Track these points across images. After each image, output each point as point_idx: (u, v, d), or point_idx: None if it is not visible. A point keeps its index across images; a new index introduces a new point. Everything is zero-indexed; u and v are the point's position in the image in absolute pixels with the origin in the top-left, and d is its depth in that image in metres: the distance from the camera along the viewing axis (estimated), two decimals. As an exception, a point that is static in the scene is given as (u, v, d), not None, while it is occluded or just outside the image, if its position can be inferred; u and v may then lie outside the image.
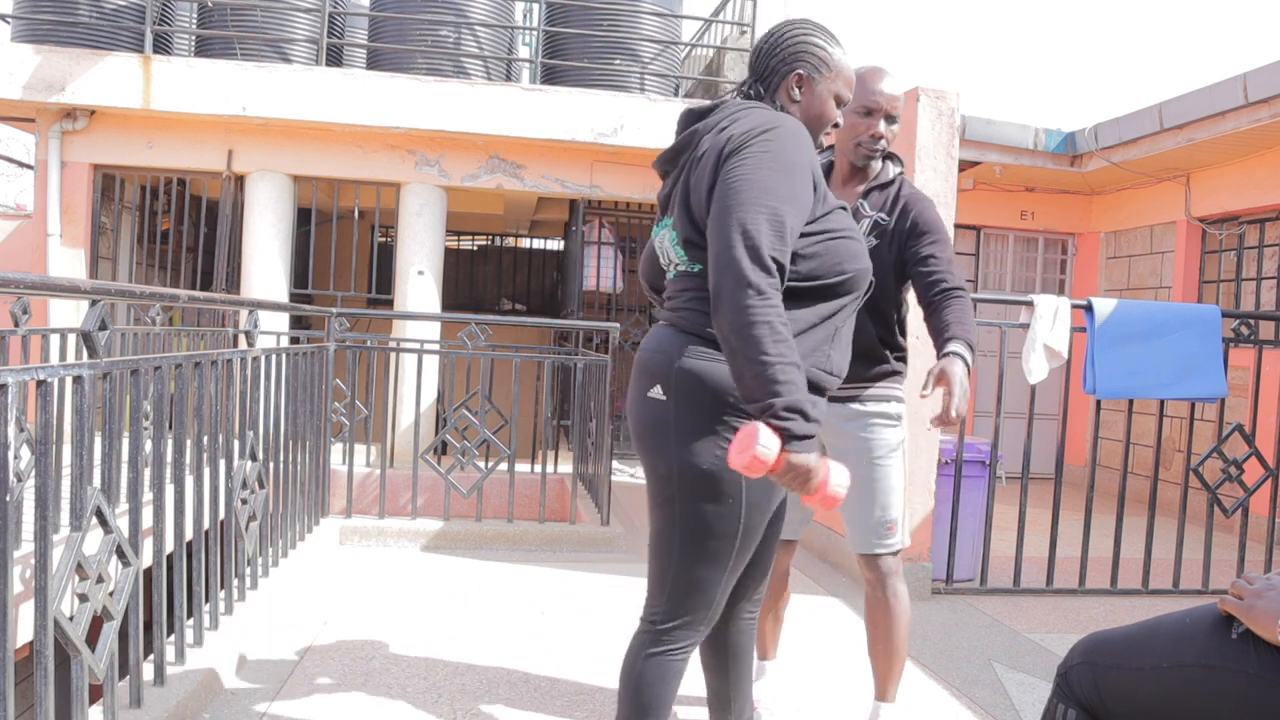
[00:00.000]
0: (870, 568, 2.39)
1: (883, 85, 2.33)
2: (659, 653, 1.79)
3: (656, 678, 1.79)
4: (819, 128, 1.88)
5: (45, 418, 1.86)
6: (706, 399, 1.71)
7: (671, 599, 1.78)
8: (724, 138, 1.72)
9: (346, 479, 4.71)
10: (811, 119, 1.86)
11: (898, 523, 2.36)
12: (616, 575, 4.20)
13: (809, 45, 1.85)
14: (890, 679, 2.43)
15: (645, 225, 8.32)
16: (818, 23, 1.89)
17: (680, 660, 1.81)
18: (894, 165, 2.44)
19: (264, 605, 3.23)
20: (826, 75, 1.85)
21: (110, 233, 7.47)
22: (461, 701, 2.69)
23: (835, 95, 1.87)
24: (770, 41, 1.88)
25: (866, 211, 2.37)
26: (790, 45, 1.85)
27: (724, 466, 1.68)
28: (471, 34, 7.23)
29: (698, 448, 1.71)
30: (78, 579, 1.95)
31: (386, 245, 9.31)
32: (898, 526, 2.36)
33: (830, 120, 1.88)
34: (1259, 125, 5.21)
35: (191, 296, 2.81)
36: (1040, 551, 4.17)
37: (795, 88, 1.85)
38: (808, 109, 1.85)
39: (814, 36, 1.86)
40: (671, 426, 1.74)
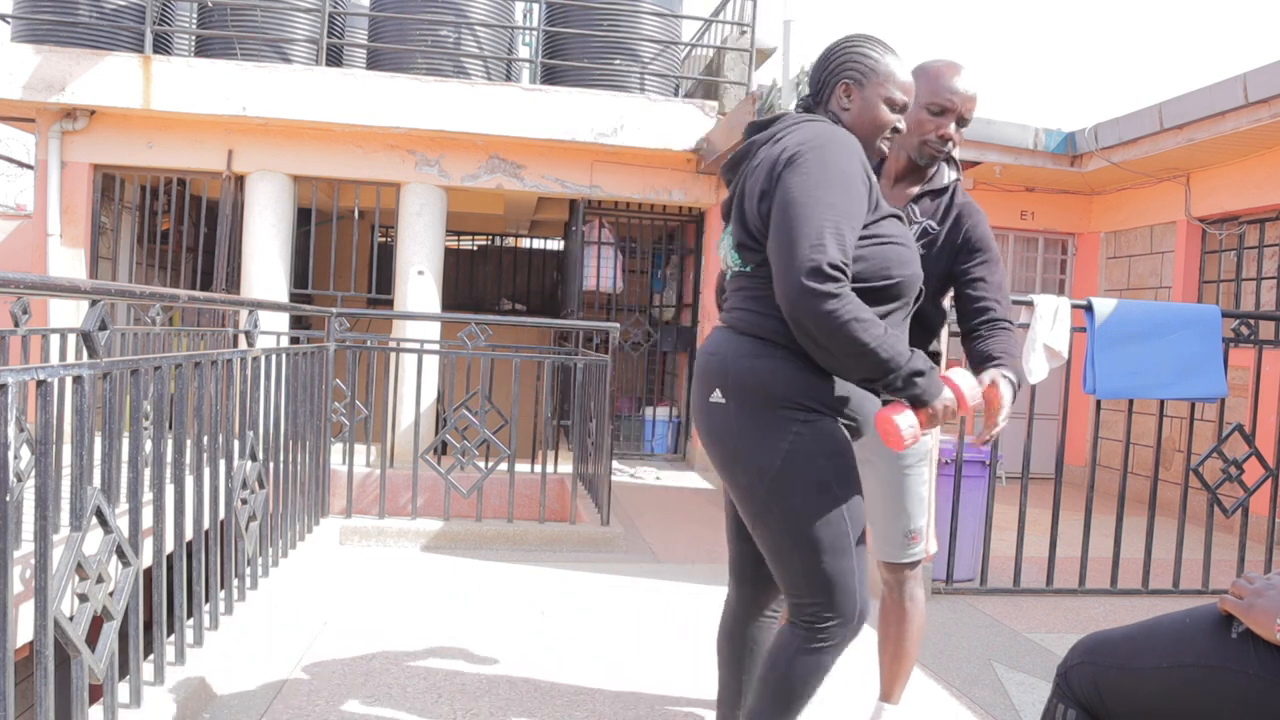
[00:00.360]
0: (890, 571, 2.38)
1: (958, 83, 2.19)
2: (810, 650, 1.79)
3: (809, 671, 1.80)
4: (873, 133, 1.90)
5: (45, 418, 1.86)
6: (761, 396, 1.74)
7: (814, 600, 1.78)
8: (778, 149, 1.78)
9: (346, 479, 4.71)
10: (863, 125, 1.89)
11: (921, 532, 2.34)
12: (616, 575, 4.20)
13: (855, 55, 1.90)
14: (897, 681, 2.42)
15: (645, 225, 8.32)
16: (869, 35, 1.94)
17: (831, 656, 1.81)
18: (951, 170, 2.31)
19: (264, 605, 3.23)
20: (874, 81, 1.88)
21: (110, 233, 7.47)
22: (461, 701, 2.69)
23: (887, 100, 1.89)
24: (822, 57, 1.95)
25: (916, 217, 2.27)
26: (838, 57, 1.92)
27: (802, 458, 1.71)
28: (471, 34, 7.23)
29: (764, 447, 1.73)
30: (78, 579, 1.95)
31: (386, 245, 9.31)
32: (921, 535, 2.34)
33: (886, 125, 1.90)
34: (1259, 125, 5.21)
35: (191, 296, 2.81)
36: (1040, 551, 4.17)
37: (844, 96, 1.90)
38: (858, 116, 1.89)
39: (860, 47, 1.91)
40: (735, 430, 1.76)
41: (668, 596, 3.91)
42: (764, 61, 7.70)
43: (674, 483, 7.00)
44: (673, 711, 2.71)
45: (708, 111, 7.07)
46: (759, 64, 7.51)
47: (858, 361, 1.65)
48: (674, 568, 4.42)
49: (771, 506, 1.75)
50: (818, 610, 1.78)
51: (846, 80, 1.89)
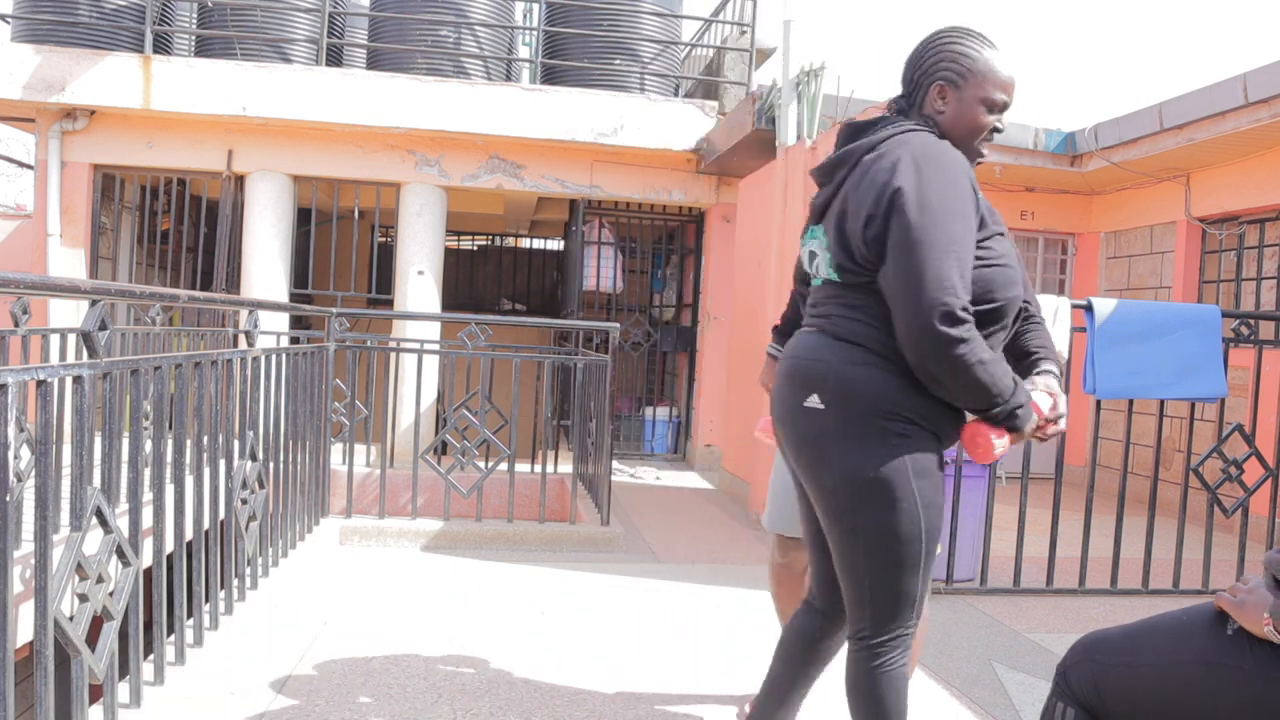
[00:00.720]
0: (778, 546, 2.45)
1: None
2: (880, 666, 1.79)
3: (889, 688, 1.80)
4: (970, 137, 1.84)
5: (45, 418, 1.86)
6: (864, 405, 1.72)
7: (877, 613, 1.78)
8: (885, 166, 1.71)
9: (346, 479, 4.71)
10: (960, 129, 1.82)
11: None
12: (616, 575, 4.20)
13: (950, 53, 1.81)
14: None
15: (645, 225, 8.32)
16: (965, 28, 1.85)
17: (902, 665, 1.81)
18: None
19: (264, 605, 3.24)
20: (971, 82, 1.80)
21: (110, 233, 7.47)
22: (461, 701, 2.69)
23: (985, 100, 1.81)
24: (914, 54, 1.86)
25: None
26: (931, 55, 1.83)
27: (893, 471, 1.70)
28: (471, 34, 7.23)
29: (861, 456, 1.71)
30: (78, 579, 1.95)
31: (386, 245, 9.31)
32: None
33: (984, 128, 1.83)
34: (1259, 125, 5.21)
35: (191, 296, 2.81)
36: (1040, 551, 4.17)
37: (939, 99, 1.82)
38: (955, 119, 1.82)
39: (956, 43, 1.82)
40: (832, 436, 1.74)
41: (668, 596, 3.91)
42: (764, 61, 7.70)
43: (674, 483, 7.00)
44: (673, 712, 2.71)
45: (708, 111, 7.07)
46: (759, 64, 7.52)
47: (971, 395, 1.68)
48: (674, 568, 4.42)
49: (855, 514, 1.74)
50: (879, 623, 1.78)
51: (941, 81, 1.81)
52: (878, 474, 1.70)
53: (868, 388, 1.71)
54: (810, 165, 5.15)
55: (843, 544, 1.78)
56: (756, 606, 3.83)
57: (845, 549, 1.78)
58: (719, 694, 2.85)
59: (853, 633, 1.83)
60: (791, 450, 1.85)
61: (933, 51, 1.83)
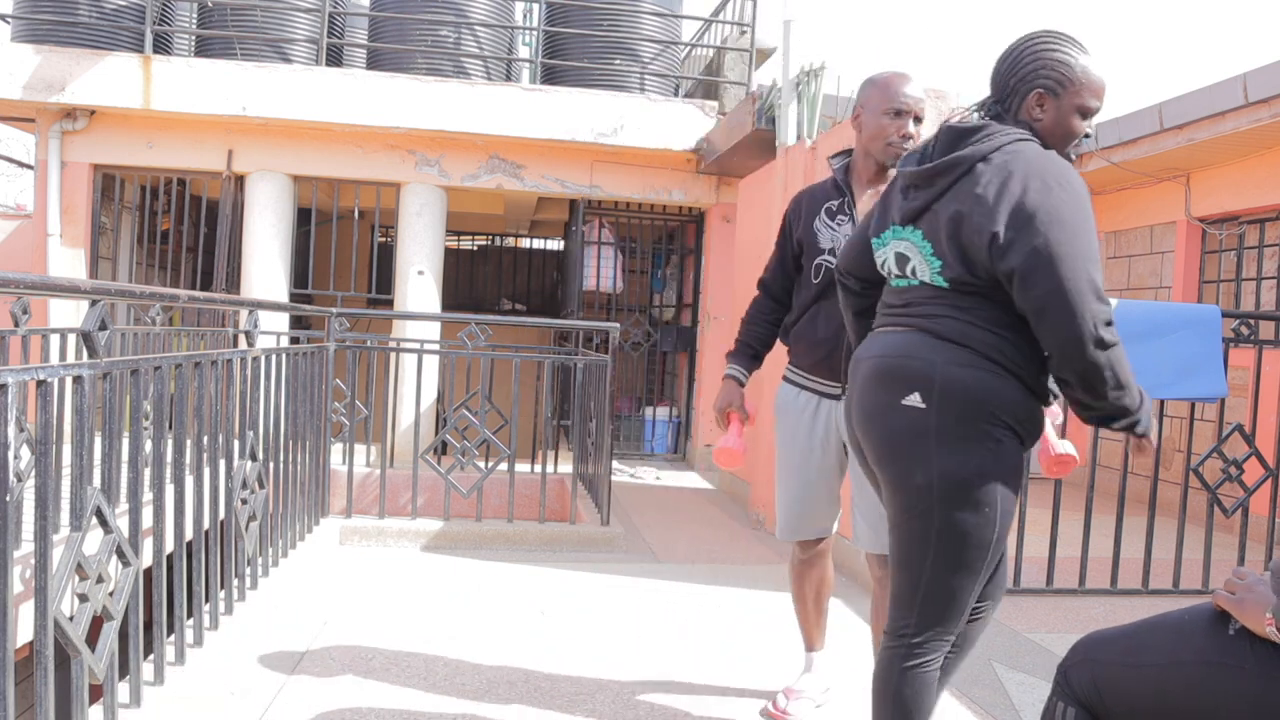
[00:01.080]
0: (881, 565, 2.40)
1: (908, 89, 2.45)
2: (914, 666, 1.80)
3: (917, 690, 1.81)
4: (1064, 143, 1.84)
5: (45, 418, 1.86)
6: (973, 407, 1.72)
7: (924, 611, 1.78)
8: (1014, 186, 1.70)
9: (346, 479, 4.71)
10: (1056, 136, 1.82)
11: None
12: (616, 575, 4.20)
13: (1048, 60, 1.81)
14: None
15: (645, 225, 8.32)
16: (1060, 32, 1.84)
17: (935, 669, 1.82)
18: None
19: (264, 605, 3.23)
20: (1070, 90, 1.80)
21: (110, 233, 7.47)
22: (462, 701, 2.69)
23: (1080, 108, 1.82)
24: (1009, 59, 1.85)
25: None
26: (1029, 62, 1.81)
27: (987, 475, 1.72)
28: (471, 34, 7.23)
29: (962, 456, 1.72)
30: (78, 579, 1.95)
31: (386, 245, 9.31)
32: None
33: (1077, 134, 1.84)
34: (1259, 125, 5.20)
35: (191, 296, 2.81)
36: (1040, 551, 4.17)
37: (1036, 107, 1.81)
38: (1052, 127, 1.82)
39: (1054, 50, 1.81)
40: (932, 435, 1.74)
41: (668, 596, 3.91)
42: (764, 61, 7.70)
43: (674, 483, 7.00)
44: (673, 712, 2.71)
45: (708, 111, 7.07)
46: (759, 64, 7.52)
47: (1117, 402, 1.72)
48: (674, 568, 4.42)
49: (940, 513, 1.74)
50: (924, 621, 1.78)
51: (1040, 89, 1.80)
52: (973, 475, 1.72)
53: (976, 389, 1.72)
54: (810, 165, 5.15)
55: (912, 540, 1.78)
56: (757, 606, 3.83)
57: (913, 545, 1.78)
58: (719, 694, 2.85)
59: (893, 629, 1.82)
60: (875, 448, 1.84)
61: (1030, 58, 1.82)
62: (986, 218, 1.71)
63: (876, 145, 2.47)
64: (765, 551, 4.84)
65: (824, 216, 2.55)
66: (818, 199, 2.60)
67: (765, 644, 3.31)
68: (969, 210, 1.74)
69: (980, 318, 1.75)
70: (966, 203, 1.75)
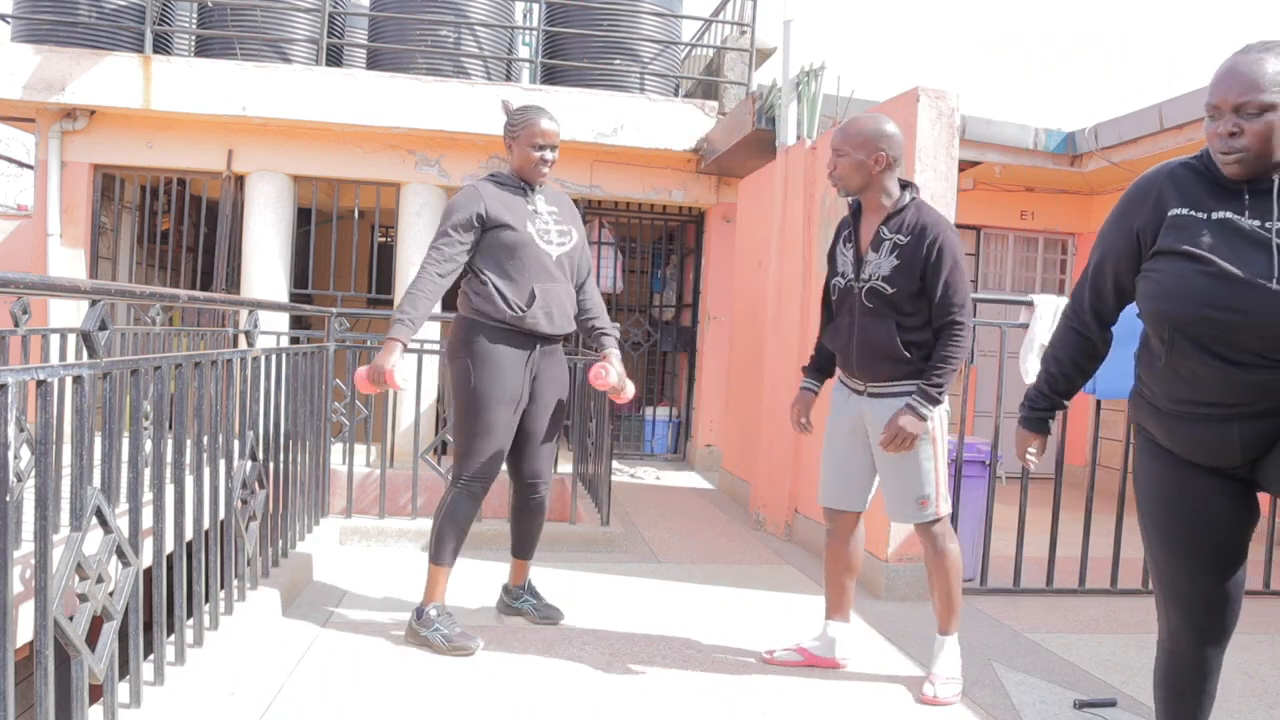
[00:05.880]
0: (921, 532, 2.92)
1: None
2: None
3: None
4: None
5: (45, 418, 1.86)
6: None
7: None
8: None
9: (346, 479, 4.71)
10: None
11: (930, 497, 2.84)
12: (617, 575, 4.20)
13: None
14: (949, 618, 2.93)
15: (645, 225, 8.32)
16: None
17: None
18: (909, 192, 2.87)
19: (264, 605, 3.23)
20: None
21: (110, 233, 7.47)
22: (462, 701, 2.69)
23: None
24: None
25: (886, 235, 2.82)
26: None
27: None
28: (471, 34, 7.23)
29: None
30: (78, 579, 1.95)
31: (386, 245, 9.30)
32: (930, 501, 2.84)
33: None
34: (1259, 125, 5.20)
35: (191, 296, 2.81)
36: (1040, 551, 4.17)
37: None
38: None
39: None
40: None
41: (668, 596, 3.91)
42: (764, 61, 7.70)
43: (674, 483, 7.00)
44: (674, 712, 2.72)
45: (708, 111, 7.07)
46: (759, 64, 7.51)
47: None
48: (674, 568, 4.42)
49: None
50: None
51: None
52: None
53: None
54: (810, 165, 5.15)
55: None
56: (757, 606, 3.83)
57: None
58: (720, 693, 2.85)
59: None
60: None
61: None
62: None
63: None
64: (765, 552, 4.84)
65: (841, 244, 2.98)
66: (842, 226, 3.01)
67: (766, 643, 3.31)
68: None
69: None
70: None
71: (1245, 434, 1.84)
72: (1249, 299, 1.75)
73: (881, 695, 2.91)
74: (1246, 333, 1.76)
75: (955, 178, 4.01)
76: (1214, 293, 1.78)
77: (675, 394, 8.81)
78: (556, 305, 3.15)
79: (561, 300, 3.17)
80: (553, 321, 3.14)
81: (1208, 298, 1.79)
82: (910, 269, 2.76)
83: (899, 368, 2.82)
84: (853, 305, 2.88)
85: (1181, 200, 1.87)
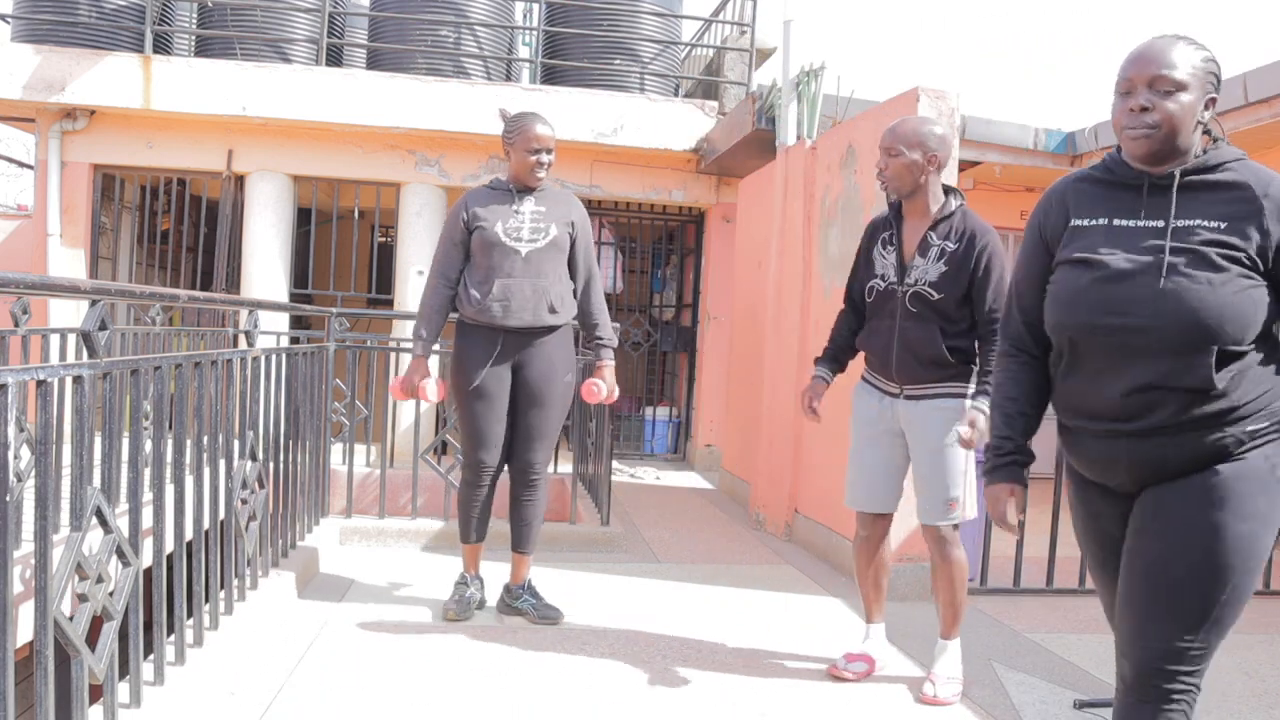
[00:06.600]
0: (930, 536, 2.91)
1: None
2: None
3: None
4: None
5: (45, 418, 1.86)
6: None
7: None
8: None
9: (346, 479, 4.70)
10: None
11: (960, 500, 2.87)
12: (617, 575, 4.20)
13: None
14: (952, 623, 2.94)
15: (645, 225, 8.31)
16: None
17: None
18: (955, 198, 2.89)
19: (264, 605, 3.23)
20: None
21: (110, 233, 7.47)
22: (462, 701, 2.69)
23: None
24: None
25: (934, 241, 2.83)
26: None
27: None
28: (471, 34, 7.23)
29: None
30: (78, 579, 1.95)
31: (386, 245, 9.30)
32: (959, 503, 2.87)
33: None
34: (1259, 125, 5.20)
35: (191, 296, 2.81)
36: (1040, 551, 4.17)
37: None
38: None
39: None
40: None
41: (668, 596, 3.91)
42: (764, 61, 7.70)
43: (674, 483, 7.00)
44: (674, 712, 2.72)
45: (707, 111, 7.07)
46: (759, 64, 7.51)
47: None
48: (674, 568, 4.42)
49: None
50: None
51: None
52: None
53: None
54: (810, 165, 5.15)
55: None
56: (757, 606, 3.83)
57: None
58: (720, 693, 2.85)
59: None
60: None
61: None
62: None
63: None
64: (765, 552, 4.84)
65: (879, 246, 2.97)
66: (879, 228, 3.01)
67: (766, 643, 3.31)
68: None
69: None
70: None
71: (1134, 455, 1.74)
72: (1139, 302, 1.69)
73: (881, 695, 2.91)
74: (1138, 337, 1.69)
75: (955, 177, 4.00)
76: (1105, 297, 1.73)
77: (675, 394, 8.81)
78: (517, 298, 3.24)
79: (525, 294, 3.25)
80: (509, 313, 3.24)
81: (1100, 303, 1.74)
82: (959, 276, 2.78)
83: (940, 371, 2.83)
84: (894, 308, 2.86)
85: (1080, 210, 1.84)
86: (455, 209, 3.31)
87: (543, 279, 3.28)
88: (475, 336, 3.30)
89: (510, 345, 3.29)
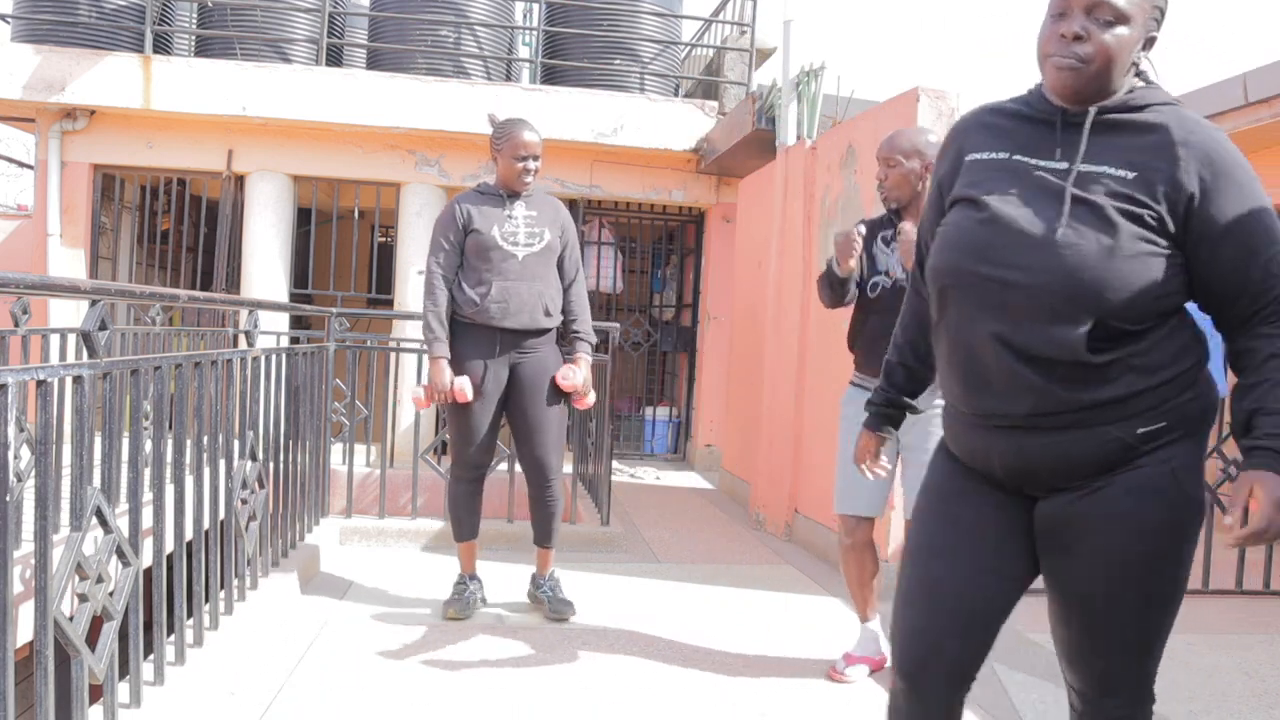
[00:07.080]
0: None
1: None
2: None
3: None
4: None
5: (45, 418, 1.86)
6: None
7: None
8: None
9: (346, 479, 4.70)
10: None
11: None
12: (617, 575, 4.20)
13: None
14: None
15: (645, 225, 8.32)
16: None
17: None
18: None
19: (264, 605, 3.23)
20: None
21: (110, 233, 7.47)
22: (461, 701, 2.69)
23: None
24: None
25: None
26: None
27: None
28: (471, 34, 7.23)
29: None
30: (78, 579, 1.95)
31: (386, 245, 9.30)
32: None
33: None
34: (1259, 125, 5.20)
35: (191, 296, 2.81)
36: (1040, 551, 4.17)
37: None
38: None
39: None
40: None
41: (668, 596, 3.91)
42: (764, 61, 7.70)
43: (674, 483, 7.00)
44: (674, 712, 2.72)
45: (707, 111, 7.07)
46: (759, 64, 7.51)
47: None
48: (674, 568, 4.42)
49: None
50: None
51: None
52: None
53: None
54: (810, 165, 5.15)
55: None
56: (757, 606, 3.83)
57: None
58: (720, 693, 2.85)
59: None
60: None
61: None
62: None
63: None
64: (765, 552, 4.84)
65: (880, 244, 2.97)
66: (878, 225, 3.01)
67: (766, 643, 3.32)
68: None
69: None
70: None
71: (1005, 450, 1.54)
72: (1019, 251, 1.46)
73: (881, 694, 2.90)
74: (1021, 294, 1.45)
75: (955, 178, 4.00)
76: (989, 243, 1.49)
77: (675, 394, 8.81)
78: (515, 301, 3.30)
79: (523, 297, 3.31)
80: (507, 315, 3.30)
81: (981, 249, 1.50)
82: None
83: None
84: (896, 306, 2.86)
85: (981, 144, 1.60)
86: (448, 212, 3.37)
87: (538, 282, 3.36)
88: (472, 336, 3.34)
89: (505, 345, 3.35)
